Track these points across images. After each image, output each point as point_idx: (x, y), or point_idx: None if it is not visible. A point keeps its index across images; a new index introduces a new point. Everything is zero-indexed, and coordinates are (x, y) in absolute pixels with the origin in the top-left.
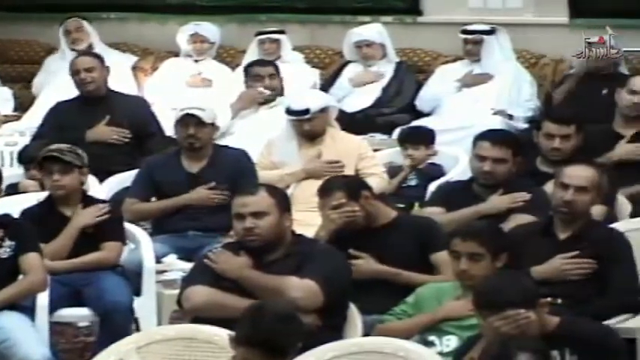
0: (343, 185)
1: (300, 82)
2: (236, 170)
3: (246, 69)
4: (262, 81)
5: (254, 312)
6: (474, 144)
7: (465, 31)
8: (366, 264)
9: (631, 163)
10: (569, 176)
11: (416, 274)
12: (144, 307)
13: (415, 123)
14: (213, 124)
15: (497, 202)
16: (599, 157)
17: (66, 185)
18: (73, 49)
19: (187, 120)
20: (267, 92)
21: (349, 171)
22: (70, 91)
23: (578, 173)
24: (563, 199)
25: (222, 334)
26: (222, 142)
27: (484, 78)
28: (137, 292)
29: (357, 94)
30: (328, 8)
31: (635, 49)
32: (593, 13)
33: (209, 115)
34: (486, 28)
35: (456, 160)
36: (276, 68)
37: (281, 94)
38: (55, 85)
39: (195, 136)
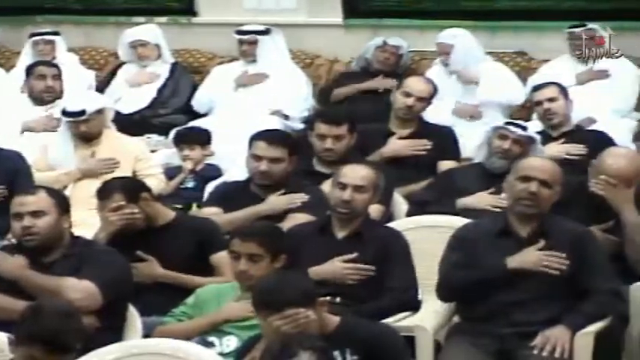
0: (121, 187)
1: (75, 83)
2: (11, 171)
3: (30, 68)
4: (45, 80)
5: (33, 310)
6: (249, 144)
7: (239, 32)
8: (149, 267)
9: (407, 161)
10: (346, 176)
11: (195, 277)
12: None
13: (192, 123)
14: None
15: (275, 202)
16: (373, 155)
17: None
18: None
19: None
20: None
21: (126, 172)
22: None
23: (355, 173)
24: (342, 198)
25: (1, 337)
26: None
27: (259, 78)
28: None
29: (133, 96)
30: (103, 9)
31: (413, 49)
32: (367, 13)
33: None
34: (261, 28)
35: (233, 160)
36: (59, 70)
37: (60, 96)
38: None
39: None
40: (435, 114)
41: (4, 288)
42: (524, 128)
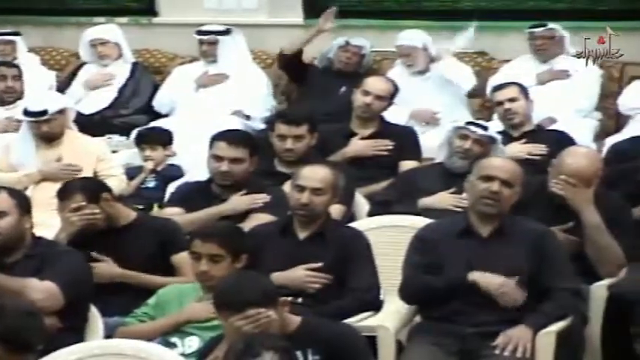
0: (82, 188)
1: (36, 83)
2: None
3: None
4: (6, 81)
5: None
6: (210, 144)
7: (200, 32)
8: (106, 267)
9: (368, 161)
10: (304, 178)
11: (156, 277)
12: None
13: (154, 124)
14: None
15: (236, 202)
16: (334, 155)
17: None
18: None
19: None
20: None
21: (88, 173)
22: None
23: (314, 175)
24: (300, 201)
25: None
26: None
27: (220, 78)
28: None
29: (94, 96)
30: (64, 10)
31: (374, 50)
32: None
33: None
34: (221, 28)
35: (194, 160)
36: (20, 71)
37: (21, 97)
38: None
39: None
40: (395, 115)
41: None
42: (485, 128)
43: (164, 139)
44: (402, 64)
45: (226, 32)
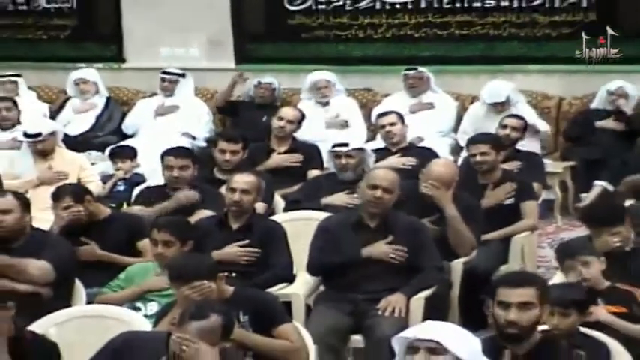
0: (70, 191)
1: (34, 112)
2: None
3: None
4: (0, 112)
5: None
6: (161, 159)
7: (165, 72)
8: (91, 249)
9: (284, 171)
10: (235, 182)
11: (125, 257)
12: None
13: (123, 143)
14: None
15: (183, 198)
16: (259, 166)
17: None
18: None
19: None
20: None
21: (73, 179)
22: None
23: (242, 179)
24: (232, 199)
25: None
26: None
27: (173, 108)
28: None
29: (77, 122)
30: (54, 57)
31: (286, 87)
32: (253, 59)
33: None
34: (180, 72)
35: (154, 170)
36: (15, 103)
37: (18, 122)
38: None
39: None
40: (308, 134)
41: None
42: (346, 145)
43: (131, 154)
44: (315, 95)
45: (183, 75)
